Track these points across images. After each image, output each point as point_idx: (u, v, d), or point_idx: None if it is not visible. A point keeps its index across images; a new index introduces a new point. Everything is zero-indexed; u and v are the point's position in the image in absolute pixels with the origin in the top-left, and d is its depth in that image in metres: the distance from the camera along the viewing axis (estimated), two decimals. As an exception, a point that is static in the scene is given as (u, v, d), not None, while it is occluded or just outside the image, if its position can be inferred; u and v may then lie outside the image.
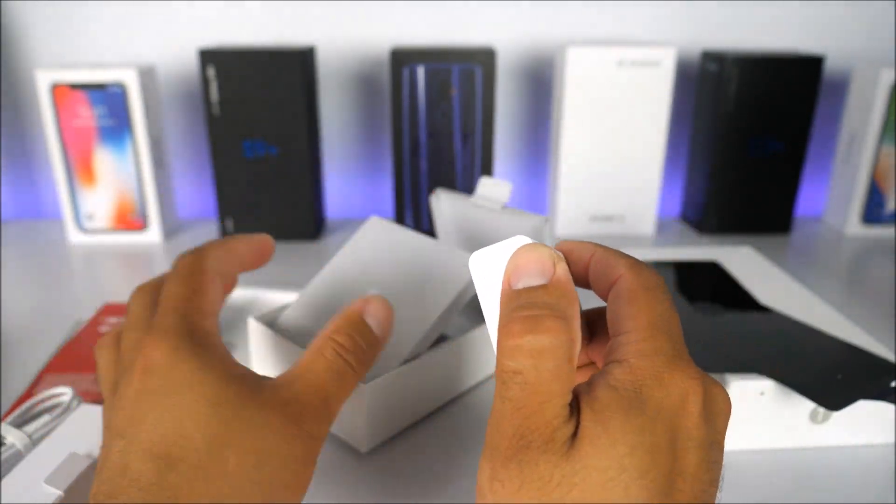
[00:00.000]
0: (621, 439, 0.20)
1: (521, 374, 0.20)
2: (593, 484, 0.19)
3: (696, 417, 0.20)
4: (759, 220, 0.73)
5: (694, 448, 0.20)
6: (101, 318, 0.50)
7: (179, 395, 0.24)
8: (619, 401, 0.20)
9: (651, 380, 0.21)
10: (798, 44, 0.76)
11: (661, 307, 0.22)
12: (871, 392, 0.35)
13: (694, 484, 0.20)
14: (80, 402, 0.37)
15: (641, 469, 0.19)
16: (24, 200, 0.80)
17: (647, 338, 0.21)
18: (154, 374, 0.24)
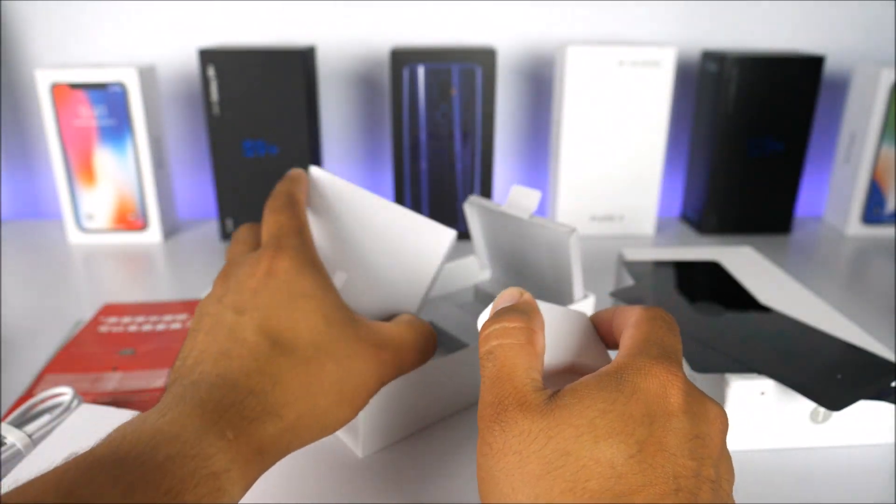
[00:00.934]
0: (592, 405, 0.23)
1: (492, 353, 0.26)
2: (567, 437, 0.22)
3: (676, 407, 0.23)
4: (759, 220, 0.73)
5: (673, 431, 0.22)
6: (101, 319, 0.50)
7: (302, 300, 0.28)
8: (597, 379, 0.24)
9: (633, 369, 0.24)
10: (798, 44, 0.76)
11: (659, 330, 0.26)
12: (872, 392, 0.35)
13: (676, 462, 0.22)
14: (81, 402, 0.37)
15: (611, 429, 0.22)
16: (24, 200, 0.80)
17: (639, 345, 0.25)
18: (278, 277, 0.29)
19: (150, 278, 0.62)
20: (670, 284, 0.49)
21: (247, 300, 0.28)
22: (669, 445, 0.22)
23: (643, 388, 0.23)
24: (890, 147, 0.70)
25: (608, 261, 0.65)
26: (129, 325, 0.49)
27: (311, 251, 0.31)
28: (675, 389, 0.23)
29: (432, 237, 0.35)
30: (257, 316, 0.28)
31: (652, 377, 0.23)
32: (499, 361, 0.25)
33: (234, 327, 0.27)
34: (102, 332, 0.48)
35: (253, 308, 0.28)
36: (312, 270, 0.29)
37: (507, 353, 0.25)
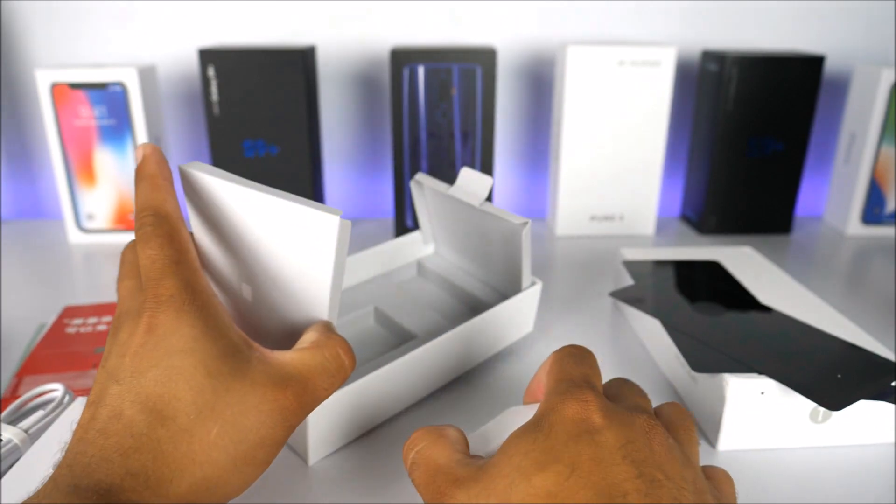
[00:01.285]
0: (516, 452, 0.24)
1: (414, 462, 0.27)
2: (502, 489, 0.23)
3: (599, 424, 0.24)
4: (759, 220, 0.73)
5: (602, 444, 0.23)
6: (65, 321, 0.50)
7: (180, 358, 0.25)
8: (518, 430, 0.25)
9: (548, 410, 0.25)
10: (798, 44, 0.76)
11: (567, 366, 0.27)
12: (872, 392, 0.35)
13: (613, 471, 0.22)
14: (73, 398, 0.37)
15: (538, 464, 0.23)
16: (24, 200, 0.80)
17: (550, 388, 0.26)
18: (157, 334, 0.25)
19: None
20: (670, 284, 0.49)
21: (126, 366, 0.25)
22: (602, 457, 0.23)
23: (560, 419, 0.24)
24: (890, 147, 0.70)
25: (608, 261, 0.65)
26: (98, 325, 0.49)
27: (192, 287, 0.27)
28: (592, 410, 0.24)
29: (317, 227, 0.28)
30: (135, 385, 0.25)
31: (566, 406, 0.24)
32: (422, 464, 0.26)
33: (113, 401, 0.25)
34: (71, 333, 0.48)
35: (130, 375, 0.25)
36: (193, 316, 0.26)
37: (424, 453, 0.26)
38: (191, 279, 0.27)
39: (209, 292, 0.27)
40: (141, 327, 0.26)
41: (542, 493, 0.22)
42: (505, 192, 0.82)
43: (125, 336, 0.26)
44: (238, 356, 0.26)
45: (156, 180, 0.29)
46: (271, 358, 0.27)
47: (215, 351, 0.25)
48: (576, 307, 0.55)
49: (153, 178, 0.29)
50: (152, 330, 0.25)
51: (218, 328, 0.26)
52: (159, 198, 0.29)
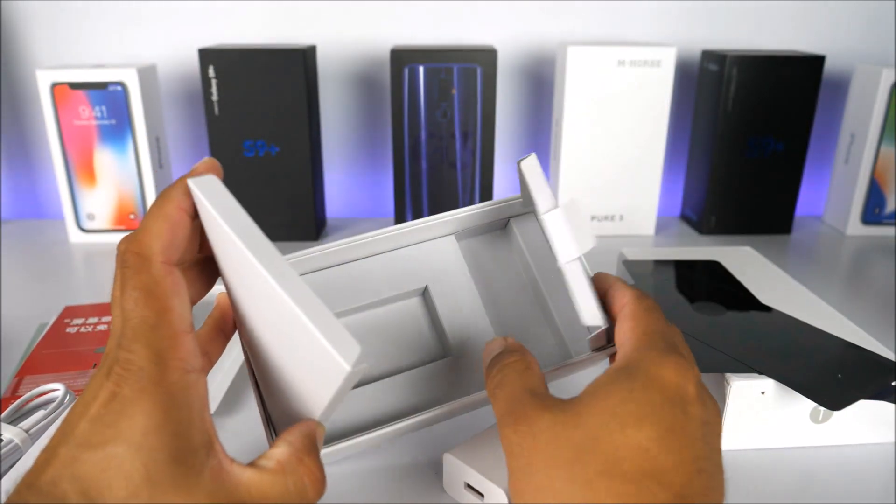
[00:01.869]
0: (609, 396, 0.24)
1: (500, 383, 0.27)
2: (592, 424, 0.24)
3: (692, 395, 0.24)
4: (759, 220, 0.73)
5: (691, 417, 0.24)
6: (65, 321, 0.50)
7: (124, 449, 0.22)
8: (608, 376, 0.25)
9: (645, 361, 0.25)
10: (798, 44, 0.76)
11: (657, 323, 0.27)
12: (872, 391, 0.35)
13: (695, 446, 0.23)
14: (74, 397, 0.37)
15: (635, 415, 0.23)
16: (25, 200, 0.80)
17: (642, 340, 0.26)
18: (114, 410, 0.23)
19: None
20: (670, 284, 0.49)
21: (80, 431, 0.23)
22: (690, 430, 0.24)
23: (658, 377, 0.24)
24: (890, 147, 0.70)
25: (608, 261, 0.65)
26: (98, 325, 0.49)
27: (165, 361, 0.23)
28: (690, 378, 0.25)
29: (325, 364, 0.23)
30: (78, 458, 0.22)
31: (666, 368, 0.25)
32: (508, 387, 0.27)
33: (58, 465, 0.22)
34: (71, 333, 0.48)
35: (78, 445, 0.22)
36: (153, 402, 0.23)
37: (513, 377, 0.27)
38: (165, 351, 0.23)
39: (184, 368, 0.24)
40: (104, 394, 0.23)
41: (633, 444, 0.23)
42: (505, 192, 0.82)
43: (90, 394, 0.23)
44: (189, 464, 0.23)
45: (167, 206, 0.25)
46: (227, 473, 0.24)
47: (164, 454, 0.22)
48: (576, 307, 0.54)
49: (165, 203, 0.25)
50: (111, 402, 0.23)
51: (178, 422, 0.23)
52: (155, 232, 0.25)
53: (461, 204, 0.68)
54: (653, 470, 0.23)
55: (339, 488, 0.34)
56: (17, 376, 0.43)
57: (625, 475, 0.23)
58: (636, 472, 0.23)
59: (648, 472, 0.23)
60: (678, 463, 0.23)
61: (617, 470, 0.23)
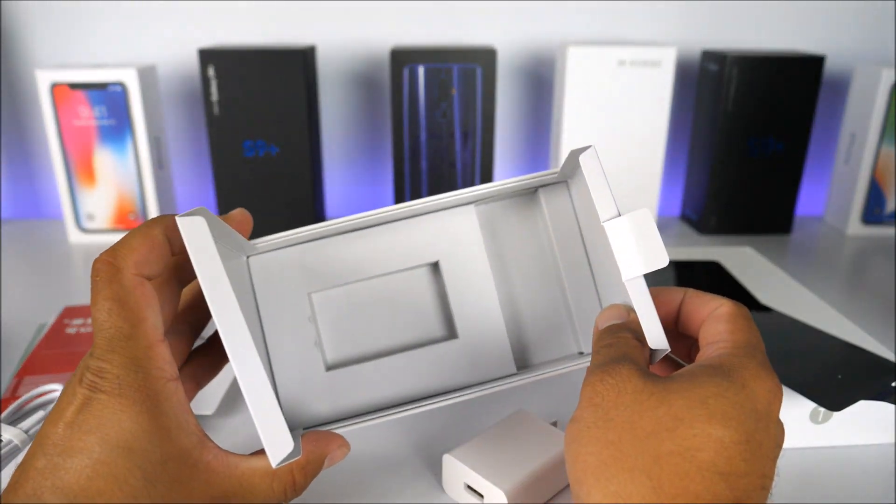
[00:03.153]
0: (704, 386, 0.24)
1: (610, 344, 0.27)
2: (680, 405, 0.23)
3: (776, 415, 0.25)
4: (759, 220, 0.73)
5: (770, 435, 0.24)
6: (65, 321, 0.49)
7: (113, 455, 0.22)
8: (704, 368, 0.25)
9: (743, 368, 0.25)
10: (798, 44, 0.76)
11: (757, 336, 0.27)
12: (872, 392, 0.35)
13: (766, 464, 0.23)
14: None
15: (724, 412, 0.23)
16: (24, 200, 0.80)
17: (743, 346, 0.26)
18: (92, 415, 0.23)
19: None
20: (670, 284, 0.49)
21: (57, 437, 0.22)
22: (767, 447, 0.24)
23: (752, 387, 0.24)
24: (890, 147, 0.70)
25: (608, 261, 0.65)
26: None
27: (143, 369, 0.24)
28: (778, 399, 0.25)
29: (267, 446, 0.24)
30: (58, 468, 0.22)
31: (761, 381, 0.25)
32: (616, 347, 0.27)
33: (35, 481, 0.22)
34: (71, 334, 0.48)
35: (57, 453, 0.22)
36: (137, 409, 0.23)
37: (624, 346, 0.27)
38: (141, 359, 0.23)
39: (163, 377, 0.24)
40: (78, 400, 0.23)
41: (714, 438, 0.23)
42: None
43: (64, 401, 0.23)
44: (184, 461, 0.23)
45: (153, 227, 0.26)
46: (222, 465, 0.25)
47: (158, 455, 0.23)
48: (576, 307, 0.54)
49: (152, 224, 0.26)
50: (87, 408, 0.23)
51: (167, 427, 0.23)
52: (132, 245, 0.25)
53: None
54: (725, 469, 0.23)
55: (338, 488, 0.34)
56: (17, 377, 0.42)
57: (697, 462, 0.23)
58: (708, 464, 0.23)
59: (720, 469, 0.23)
60: (749, 472, 0.23)
61: (690, 455, 0.23)
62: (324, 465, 0.28)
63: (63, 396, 0.24)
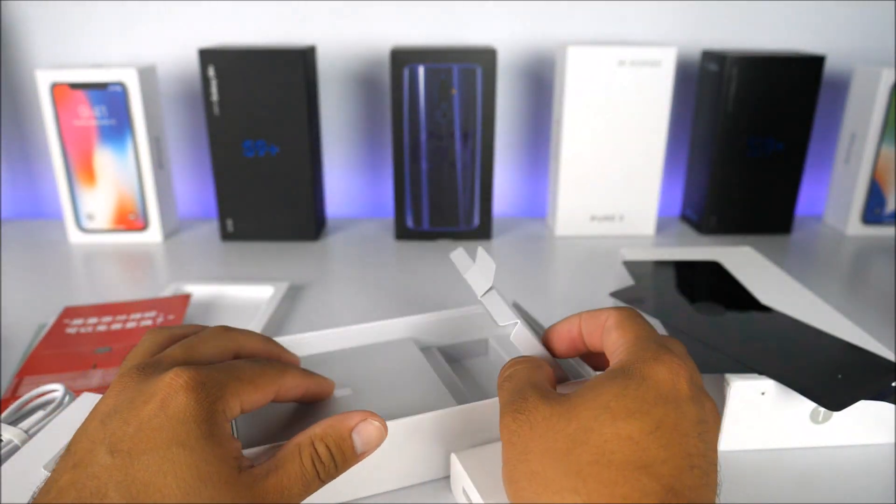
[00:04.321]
0: (605, 392, 0.25)
1: (510, 376, 0.29)
2: (587, 417, 0.25)
3: (685, 393, 0.25)
4: (759, 220, 0.73)
5: (684, 414, 0.25)
6: (65, 321, 0.49)
7: (179, 452, 0.24)
8: (605, 374, 0.27)
9: (639, 361, 0.26)
10: (798, 44, 0.76)
11: (643, 327, 0.29)
12: (872, 392, 0.35)
13: (689, 442, 0.24)
14: (73, 398, 0.37)
15: (627, 410, 0.24)
16: (24, 200, 0.80)
17: (634, 342, 0.28)
18: (168, 415, 0.25)
19: (150, 278, 0.62)
20: (670, 284, 0.49)
21: (128, 437, 0.24)
22: (682, 426, 0.24)
23: (652, 375, 0.25)
24: (890, 147, 0.70)
25: (608, 261, 0.65)
26: (98, 326, 0.49)
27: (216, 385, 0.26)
28: (682, 377, 0.26)
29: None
30: (128, 466, 0.24)
31: (660, 366, 0.26)
32: (515, 379, 0.29)
33: (101, 476, 0.24)
34: (71, 334, 0.48)
35: (128, 452, 0.24)
36: (202, 415, 0.25)
37: (522, 373, 0.29)
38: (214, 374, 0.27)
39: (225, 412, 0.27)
40: (156, 400, 0.25)
41: (624, 436, 0.24)
42: (505, 192, 0.82)
43: (139, 402, 0.25)
44: (231, 466, 0.25)
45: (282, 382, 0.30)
46: (257, 468, 0.27)
47: (213, 455, 0.25)
48: (576, 307, 0.54)
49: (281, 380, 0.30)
50: (165, 408, 0.25)
51: (222, 436, 0.26)
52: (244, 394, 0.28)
53: (461, 204, 0.69)
54: (642, 461, 0.23)
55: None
56: (17, 377, 0.42)
57: (615, 464, 0.23)
58: (626, 463, 0.23)
59: (638, 464, 0.23)
60: (669, 457, 0.23)
61: (607, 460, 0.23)
62: (356, 445, 0.29)
63: (143, 393, 0.26)
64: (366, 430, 0.29)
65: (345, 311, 0.54)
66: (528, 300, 0.56)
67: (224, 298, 0.56)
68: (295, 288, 0.58)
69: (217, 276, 0.61)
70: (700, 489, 0.24)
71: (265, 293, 0.56)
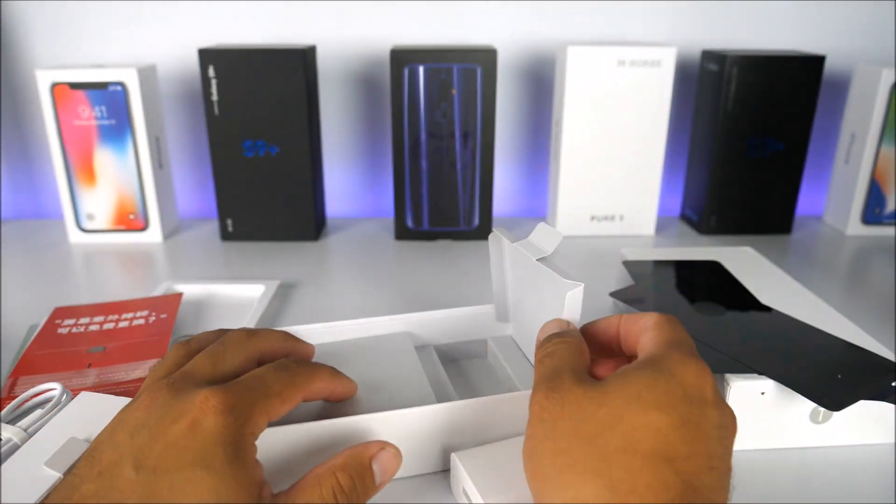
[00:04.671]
0: (636, 382, 0.26)
1: (551, 353, 0.30)
2: (618, 404, 0.25)
3: (710, 397, 0.26)
4: (759, 220, 0.73)
5: (707, 417, 0.25)
6: (56, 321, 0.49)
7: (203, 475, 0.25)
8: (636, 366, 0.27)
9: (670, 359, 0.27)
10: (798, 44, 0.76)
11: (681, 332, 0.29)
12: (872, 392, 0.35)
13: (710, 444, 0.25)
14: (71, 397, 0.37)
15: (657, 402, 0.25)
16: (25, 200, 0.80)
17: (668, 342, 0.28)
18: (197, 438, 0.25)
19: (150, 278, 0.62)
20: (670, 284, 0.49)
21: (154, 454, 0.25)
22: (705, 427, 0.25)
23: (680, 374, 0.26)
24: (890, 147, 0.70)
25: (608, 261, 0.65)
26: (90, 325, 0.48)
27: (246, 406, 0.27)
28: (708, 382, 0.26)
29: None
30: (152, 484, 0.24)
31: (688, 367, 0.26)
32: (556, 356, 0.29)
33: (124, 489, 0.24)
34: (63, 334, 0.47)
35: (153, 469, 0.24)
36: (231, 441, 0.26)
37: (564, 352, 0.30)
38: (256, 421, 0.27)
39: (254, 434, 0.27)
40: (185, 420, 0.25)
41: (652, 427, 0.24)
42: (505, 192, 0.82)
43: (169, 418, 0.25)
44: (252, 494, 0.26)
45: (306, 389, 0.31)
46: (280, 497, 0.27)
47: (235, 481, 0.25)
48: (576, 307, 0.54)
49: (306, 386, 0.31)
50: (194, 429, 0.25)
51: (246, 458, 0.26)
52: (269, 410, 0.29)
53: (461, 204, 0.69)
54: (668, 454, 0.24)
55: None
56: (11, 376, 0.42)
57: (641, 454, 0.24)
58: (652, 453, 0.24)
59: (663, 455, 0.24)
60: (692, 454, 0.24)
61: (634, 448, 0.24)
62: (376, 475, 0.29)
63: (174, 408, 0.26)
64: (384, 459, 0.30)
65: (344, 310, 0.54)
66: (528, 300, 0.56)
67: (216, 297, 0.56)
68: (295, 288, 0.58)
69: (217, 276, 0.61)
70: (717, 491, 0.24)
71: (256, 292, 0.56)
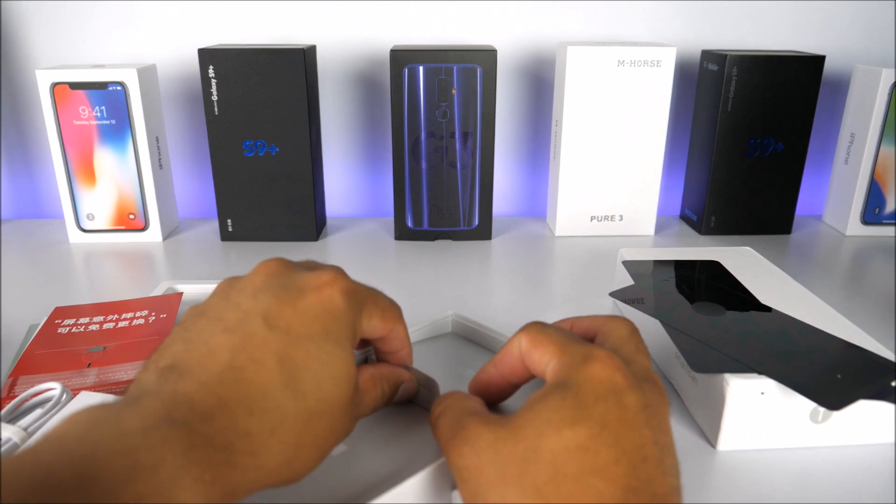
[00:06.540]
0: (544, 408, 0.25)
1: (443, 412, 0.29)
2: (531, 437, 0.24)
3: (623, 384, 0.25)
4: (759, 220, 0.73)
5: (627, 405, 0.25)
6: (56, 321, 0.49)
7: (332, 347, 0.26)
8: (541, 392, 0.26)
9: (570, 369, 0.26)
10: (798, 44, 0.76)
11: (558, 335, 0.28)
12: (872, 392, 0.35)
13: (637, 433, 0.24)
14: (71, 396, 0.37)
15: (569, 419, 0.24)
16: (25, 200, 0.80)
17: (558, 353, 0.27)
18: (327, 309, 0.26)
19: (150, 278, 0.62)
20: (670, 284, 0.49)
21: (286, 317, 0.25)
22: (627, 419, 0.24)
23: (584, 379, 0.25)
24: (890, 147, 0.70)
25: (608, 261, 0.65)
26: (90, 325, 0.48)
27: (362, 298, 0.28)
28: (616, 369, 0.25)
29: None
30: (285, 341, 0.25)
31: (591, 365, 0.25)
32: (448, 412, 0.28)
33: (257, 342, 0.24)
34: (63, 334, 0.47)
35: (285, 330, 0.25)
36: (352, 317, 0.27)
37: (453, 403, 0.29)
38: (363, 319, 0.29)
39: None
40: (314, 291, 0.26)
41: (572, 445, 0.23)
42: (505, 192, 0.82)
43: (294, 288, 0.26)
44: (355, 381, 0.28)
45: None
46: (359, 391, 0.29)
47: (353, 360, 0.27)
48: (576, 307, 0.54)
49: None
50: (323, 302, 0.26)
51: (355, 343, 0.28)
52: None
53: (461, 204, 0.69)
54: (595, 466, 0.23)
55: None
56: (11, 376, 0.42)
57: (570, 477, 0.23)
58: (579, 473, 0.23)
59: (591, 469, 0.23)
60: (618, 456, 0.23)
61: (562, 474, 0.23)
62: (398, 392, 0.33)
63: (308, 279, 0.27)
64: (408, 389, 0.33)
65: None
66: (528, 300, 0.56)
67: None
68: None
69: (217, 276, 0.61)
70: (657, 479, 0.23)
71: None
